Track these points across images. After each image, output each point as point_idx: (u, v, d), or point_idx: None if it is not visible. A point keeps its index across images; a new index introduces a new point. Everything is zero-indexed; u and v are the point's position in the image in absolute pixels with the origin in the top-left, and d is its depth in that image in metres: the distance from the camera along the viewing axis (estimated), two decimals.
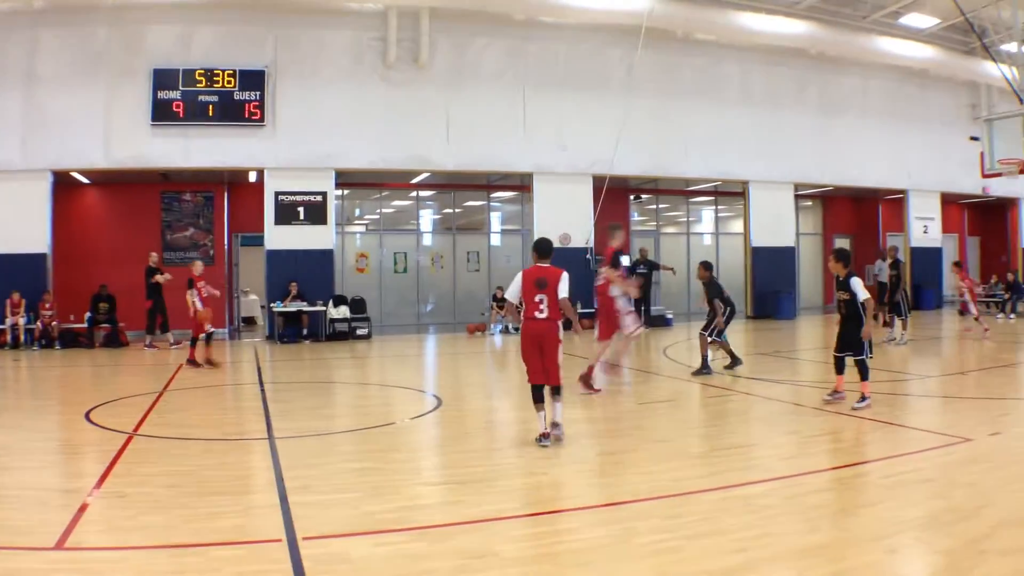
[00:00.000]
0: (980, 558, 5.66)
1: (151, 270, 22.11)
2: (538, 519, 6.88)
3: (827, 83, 31.04)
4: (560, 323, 9.61)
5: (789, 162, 30.22)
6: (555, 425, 9.54)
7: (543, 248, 9.84)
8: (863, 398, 11.57)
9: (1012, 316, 28.48)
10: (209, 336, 17.82)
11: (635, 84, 26.32)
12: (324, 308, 24.17)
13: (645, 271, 26.73)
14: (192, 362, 17.57)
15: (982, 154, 22.51)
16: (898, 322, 20.73)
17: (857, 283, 11.72)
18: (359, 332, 24.42)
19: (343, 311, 24.66)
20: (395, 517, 6.78)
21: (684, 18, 26.09)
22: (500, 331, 25.68)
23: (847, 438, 9.96)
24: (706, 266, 16.59)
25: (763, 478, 8.07)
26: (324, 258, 24.64)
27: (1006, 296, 29.55)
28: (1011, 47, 24.86)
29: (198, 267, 17.99)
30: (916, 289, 30.52)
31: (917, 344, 20.80)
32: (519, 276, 9.73)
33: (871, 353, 11.73)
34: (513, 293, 9.72)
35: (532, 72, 26.58)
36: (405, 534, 6.41)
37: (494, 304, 26.15)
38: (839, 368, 12.16)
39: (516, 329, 10.23)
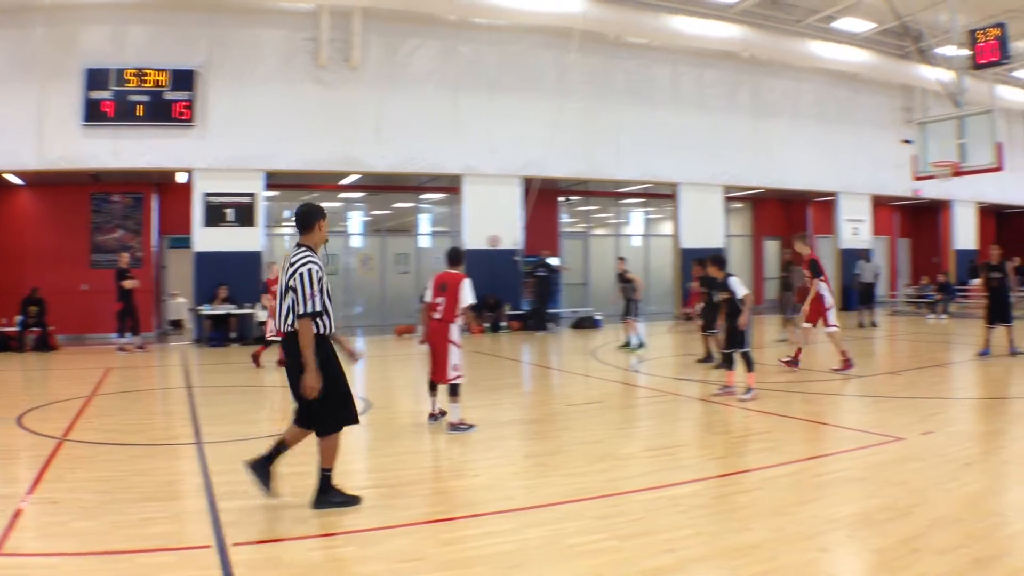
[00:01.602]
0: (914, 557, 5.75)
1: (122, 272, 21.66)
2: (469, 521, 6.92)
3: (758, 86, 31.43)
4: (455, 325, 10.45)
5: (719, 164, 30.57)
6: (454, 426, 10.41)
7: (452, 256, 10.96)
8: (748, 389, 12.42)
9: (943, 317, 29.11)
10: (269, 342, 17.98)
11: (567, 86, 26.58)
12: (252, 311, 24.01)
13: (545, 273, 26.91)
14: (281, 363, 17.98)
15: (914, 157, 22.89)
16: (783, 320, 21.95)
17: (735, 282, 12.74)
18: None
19: None
20: (325, 522, 6.79)
21: (617, 21, 26.32)
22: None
23: (777, 437, 10.10)
24: (703, 263, 17.75)
25: (694, 478, 8.21)
26: (253, 260, 24.40)
27: (937, 297, 30.17)
28: (947, 51, 25.28)
29: (274, 270, 18.16)
30: (845, 291, 30.99)
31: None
32: (431, 280, 10.88)
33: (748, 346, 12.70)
34: (428, 295, 10.68)
35: (464, 73, 26.61)
36: (336, 538, 6.44)
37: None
38: (729, 364, 13.05)
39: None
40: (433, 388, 10.89)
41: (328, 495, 7.10)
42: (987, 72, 23.84)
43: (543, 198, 28.32)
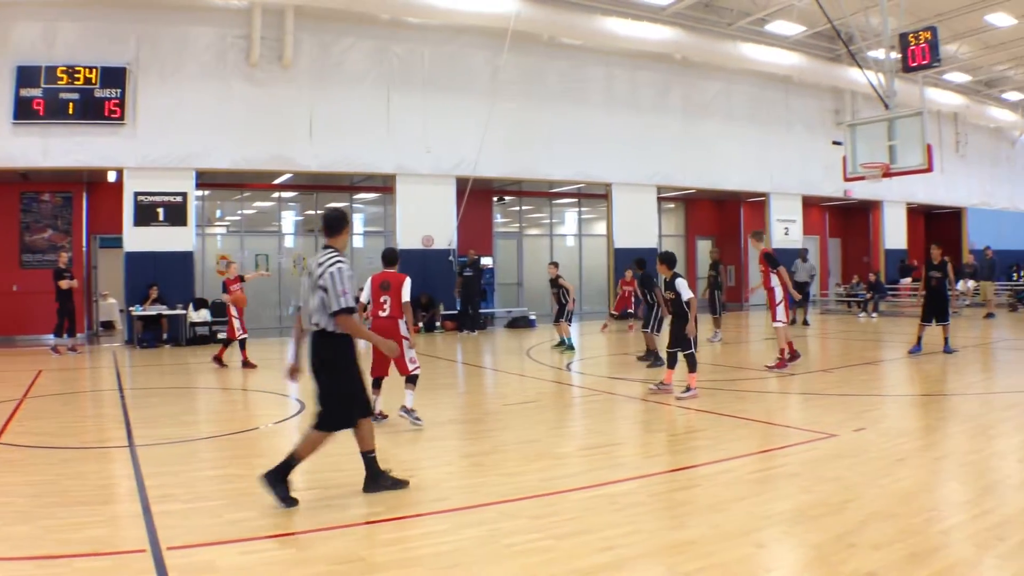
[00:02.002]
0: (850, 552, 5.81)
1: (59, 272, 21.28)
2: (405, 522, 6.91)
3: (691, 87, 31.77)
4: (402, 321, 10.67)
5: (652, 165, 30.83)
6: (407, 411, 10.73)
7: (388, 257, 11.33)
8: (688, 389, 12.53)
9: (874, 315, 29.59)
10: (229, 342, 18.32)
11: (500, 86, 26.57)
12: (184, 311, 23.79)
13: (471, 273, 26.93)
14: (218, 360, 18.17)
15: (844, 158, 23.13)
16: (712, 320, 22.29)
17: (681, 284, 12.73)
18: (220, 336, 24.05)
19: (203, 314, 24.28)
20: (261, 524, 6.74)
21: (550, 22, 26.45)
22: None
23: (712, 435, 10.20)
24: (640, 264, 18.37)
25: (630, 476, 8.26)
26: (184, 260, 24.18)
27: (868, 296, 30.64)
28: (878, 53, 25.63)
29: (232, 270, 18.16)
30: None
31: (774, 343, 21.30)
32: (368, 281, 11.09)
33: (696, 348, 12.74)
34: (364, 296, 11.01)
35: (397, 73, 26.55)
36: (272, 541, 6.39)
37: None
38: (671, 363, 13.07)
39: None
40: (377, 385, 10.96)
41: (279, 483, 7.14)
42: (917, 75, 24.19)
43: (477, 198, 28.34)
